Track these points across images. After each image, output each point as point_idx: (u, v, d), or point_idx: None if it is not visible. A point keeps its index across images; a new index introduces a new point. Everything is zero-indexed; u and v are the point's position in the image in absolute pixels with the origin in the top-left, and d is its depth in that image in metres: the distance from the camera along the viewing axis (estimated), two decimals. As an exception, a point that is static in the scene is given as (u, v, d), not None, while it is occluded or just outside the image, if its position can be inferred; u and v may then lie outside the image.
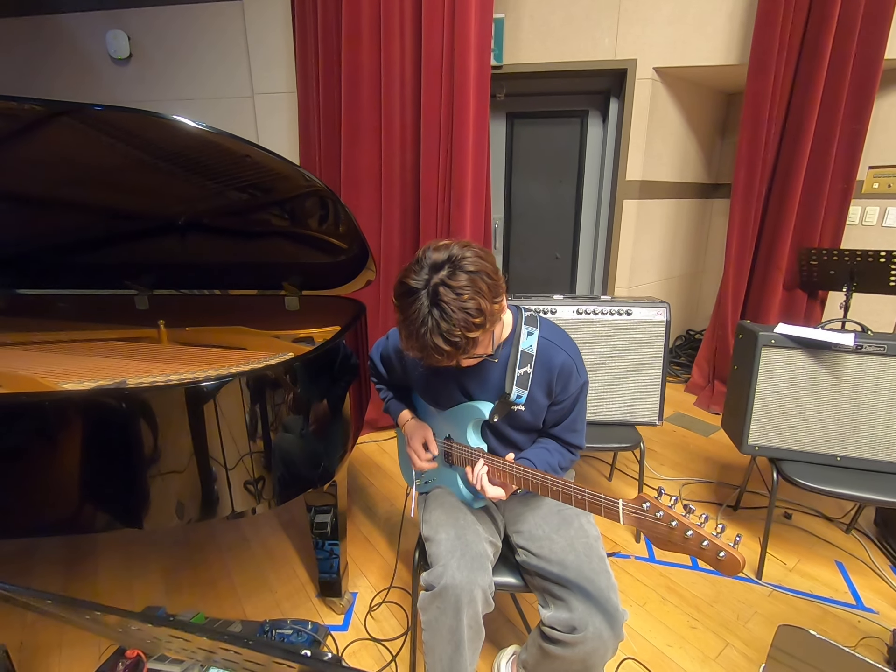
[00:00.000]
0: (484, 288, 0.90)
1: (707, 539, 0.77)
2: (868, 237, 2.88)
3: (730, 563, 0.76)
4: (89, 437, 1.04)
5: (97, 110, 1.13)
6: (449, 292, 0.88)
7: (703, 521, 0.80)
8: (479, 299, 0.89)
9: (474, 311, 0.88)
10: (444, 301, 0.88)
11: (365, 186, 2.48)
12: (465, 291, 0.88)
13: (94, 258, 1.82)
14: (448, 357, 0.92)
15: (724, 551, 0.76)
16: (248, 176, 1.37)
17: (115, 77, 3.01)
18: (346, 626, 1.53)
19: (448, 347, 0.89)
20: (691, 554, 0.81)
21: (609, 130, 3.10)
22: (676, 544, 0.81)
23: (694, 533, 0.79)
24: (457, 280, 0.89)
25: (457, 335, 0.88)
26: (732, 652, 1.44)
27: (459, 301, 0.88)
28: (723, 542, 0.77)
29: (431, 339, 0.89)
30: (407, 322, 0.92)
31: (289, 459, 1.22)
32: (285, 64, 2.82)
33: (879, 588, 1.66)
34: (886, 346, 1.50)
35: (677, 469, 2.37)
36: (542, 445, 1.19)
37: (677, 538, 0.81)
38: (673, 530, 0.81)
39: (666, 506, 0.83)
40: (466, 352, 0.93)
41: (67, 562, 1.78)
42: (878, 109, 2.57)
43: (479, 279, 0.90)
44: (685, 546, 0.80)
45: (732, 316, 2.91)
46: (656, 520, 0.83)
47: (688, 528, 0.79)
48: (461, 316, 0.88)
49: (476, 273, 0.90)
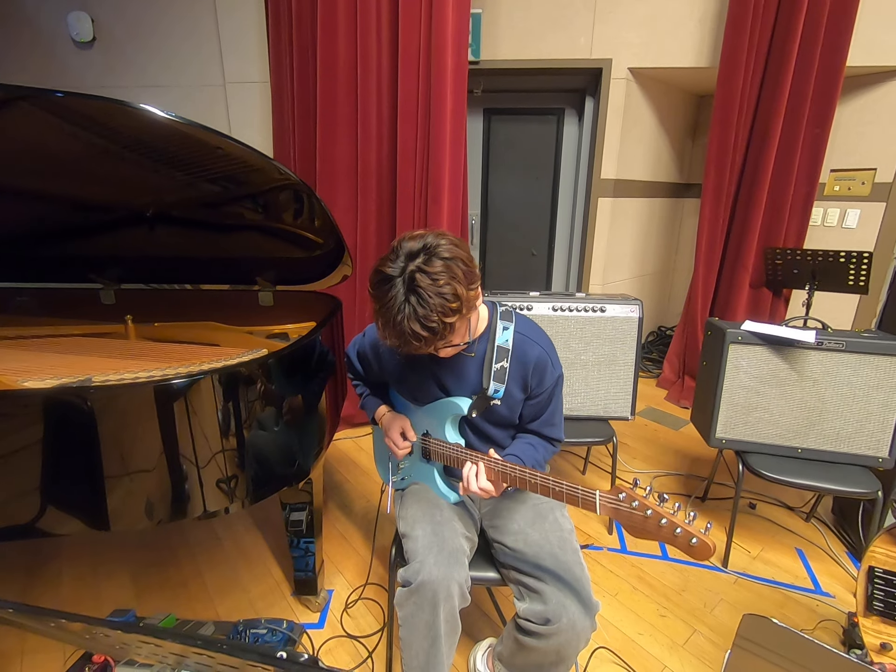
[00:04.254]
0: (459, 274, 0.91)
1: (680, 527, 0.80)
2: (829, 238, 3.00)
3: (701, 549, 0.79)
4: (51, 438, 1.00)
5: (58, 97, 1.08)
6: (425, 278, 0.88)
7: (676, 509, 0.82)
8: (455, 285, 0.90)
9: (451, 297, 0.89)
10: (421, 287, 0.88)
11: (341, 181, 2.45)
12: (440, 277, 0.89)
13: (56, 250, 1.74)
14: (426, 343, 0.92)
15: (695, 538, 0.79)
16: (220, 168, 1.33)
17: (78, 61, 2.87)
18: (321, 624, 1.52)
19: (426, 333, 0.90)
20: (665, 541, 0.83)
21: (584, 129, 3.14)
22: (651, 532, 0.84)
23: (668, 521, 0.82)
24: (432, 266, 0.89)
25: (434, 320, 0.89)
26: (700, 638, 1.49)
27: (436, 287, 0.88)
28: (695, 529, 0.80)
29: (409, 326, 0.89)
30: (384, 310, 0.92)
31: (263, 458, 1.20)
32: (258, 52, 2.74)
33: (836, 573, 1.75)
34: (845, 342, 1.57)
35: (648, 462, 2.43)
36: (525, 441, 1.19)
37: (652, 527, 0.84)
38: (648, 519, 0.84)
39: (641, 496, 0.85)
40: (444, 338, 0.93)
41: (28, 566, 1.71)
42: (840, 115, 2.67)
43: (455, 265, 0.91)
44: (659, 534, 0.83)
45: (702, 313, 2.99)
46: (632, 509, 0.85)
47: (662, 516, 0.82)
48: (438, 301, 0.88)
49: (451, 259, 0.91)
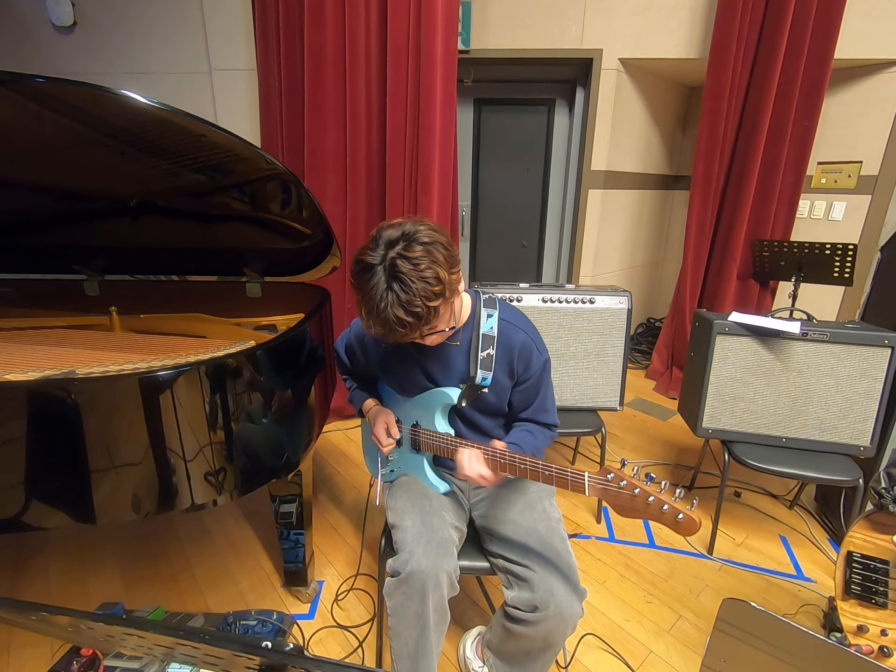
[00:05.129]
0: (440, 258, 0.91)
1: (667, 503, 0.82)
2: (816, 230, 3.02)
3: (687, 524, 0.81)
4: (34, 431, 0.98)
5: (39, 82, 1.05)
6: (406, 263, 0.89)
7: (664, 488, 0.84)
8: (437, 268, 0.90)
9: (433, 280, 0.89)
10: (403, 273, 0.88)
11: (330, 171, 2.42)
12: (422, 262, 0.89)
13: (39, 241, 1.71)
14: (411, 329, 0.92)
15: (682, 513, 0.81)
16: (206, 157, 1.31)
17: (58, 46, 2.80)
18: (312, 615, 1.53)
19: (410, 319, 0.90)
20: (652, 519, 0.85)
21: (575, 120, 3.13)
22: (639, 511, 0.86)
23: (655, 499, 0.83)
24: (413, 252, 0.89)
25: (418, 305, 0.89)
26: (685, 624, 1.52)
27: (417, 271, 0.89)
28: (681, 505, 0.82)
29: (393, 313, 0.89)
30: (366, 299, 0.91)
31: (251, 450, 1.20)
32: (244, 39, 2.69)
33: (817, 559, 1.79)
34: (829, 333, 1.59)
35: (637, 452, 2.46)
36: (523, 429, 1.18)
37: (639, 505, 0.85)
38: (636, 498, 0.85)
39: (629, 476, 0.87)
40: (429, 322, 0.93)
41: (13, 561, 1.70)
42: (827, 108, 2.68)
43: (435, 249, 0.91)
44: (647, 512, 0.85)
45: (690, 304, 3.01)
46: (620, 489, 0.86)
47: (649, 494, 0.84)
48: (421, 286, 0.88)
49: (431, 244, 0.91)
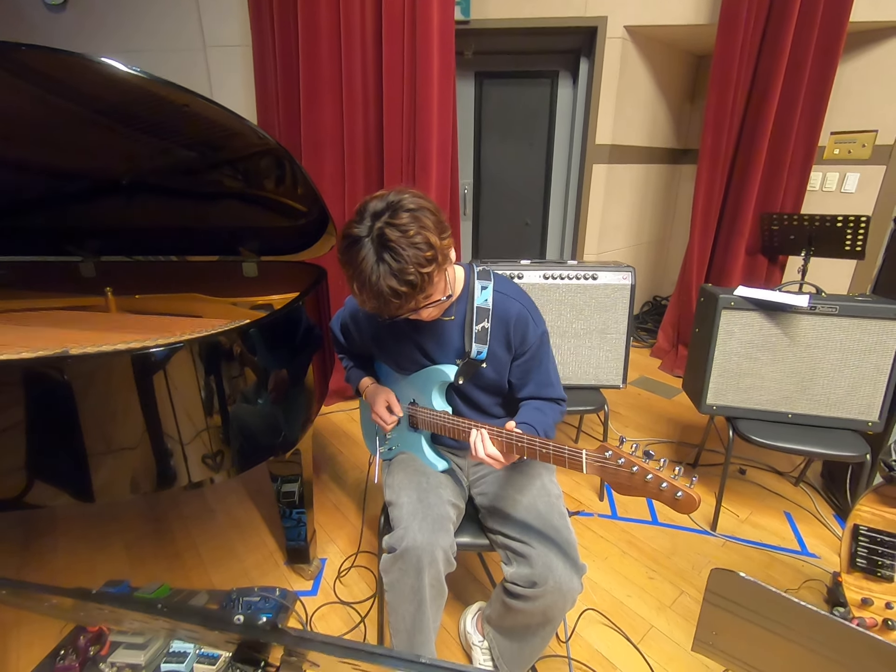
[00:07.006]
0: (429, 223, 0.89)
1: (665, 481, 0.80)
2: (828, 203, 2.94)
3: (686, 502, 0.80)
4: (28, 410, 0.98)
5: (13, 51, 1.02)
6: (394, 231, 0.86)
7: (663, 465, 0.82)
8: (427, 234, 0.88)
9: (424, 246, 0.87)
10: (392, 241, 0.86)
11: (328, 150, 2.37)
12: (410, 227, 0.87)
13: (32, 222, 1.69)
14: (406, 299, 0.89)
15: (680, 491, 0.79)
16: (196, 132, 1.28)
17: (49, 25, 2.74)
18: (315, 591, 1.55)
19: (404, 288, 0.87)
20: (651, 496, 0.83)
21: (579, 92, 3.03)
22: (637, 488, 0.84)
23: (653, 476, 0.81)
24: (399, 219, 0.87)
25: (411, 272, 0.86)
26: (686, 599, 1.52)
27: (406, 238, 0.86)
28: (679, 482, 0.80)
29: (385, 284, 0.87)
30: (357, 273, 0.89)
31: (247, 428, 1.19)
32: (238, 14, 2.62)
33: (822, 535, 1.77)
34: (839, 306, 1.55)
35: (641, 430, 2.44)
36: (531, 406, 1.15)
37: (638, 483, 0.84)
38: (634, 475, 0.84)
39: (627, 453, 0.85)
40: (423, 290, 0.90)
41: (23, 541, 1.72)
42: (841, 74, 2.58)
43: (422, 215, 0.89)
44: (645, 489, 0.83)
45: (697, 280, 2.96)
46: (618, 467, 0.85)
47: (647, 472, 0.82)
48: (412, 252, 0.86)
49: (418, 210, 0.89)
